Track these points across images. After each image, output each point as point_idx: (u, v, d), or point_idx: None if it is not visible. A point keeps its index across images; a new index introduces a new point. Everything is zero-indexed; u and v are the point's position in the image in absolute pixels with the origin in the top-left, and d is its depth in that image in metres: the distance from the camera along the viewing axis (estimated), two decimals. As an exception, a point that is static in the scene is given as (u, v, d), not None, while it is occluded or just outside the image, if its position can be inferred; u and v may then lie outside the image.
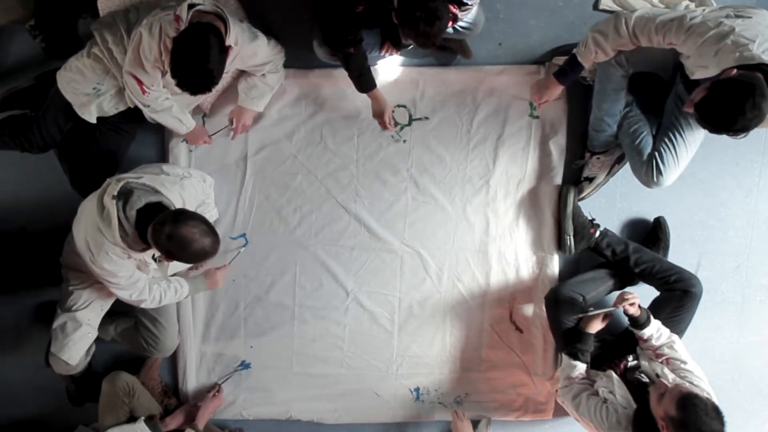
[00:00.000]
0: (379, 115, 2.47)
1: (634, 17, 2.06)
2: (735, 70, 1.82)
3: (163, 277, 2.29)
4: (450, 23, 2.10)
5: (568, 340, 2.43)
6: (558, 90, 2.45)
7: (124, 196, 1.93)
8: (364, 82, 2.35)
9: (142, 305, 2.23)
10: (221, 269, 2.53)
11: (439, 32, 1.97)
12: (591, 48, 2.18)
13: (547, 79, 2.47)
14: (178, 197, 2.07)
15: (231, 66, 2.26)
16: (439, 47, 2.57)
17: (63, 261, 2.30)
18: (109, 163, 2.43)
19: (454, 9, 2.08)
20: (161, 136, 2.59)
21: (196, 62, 1.94)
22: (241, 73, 2.45)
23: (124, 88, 2.24)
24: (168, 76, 2.13)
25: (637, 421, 2.10)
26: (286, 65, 2.46)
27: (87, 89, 2.23)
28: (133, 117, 2.39)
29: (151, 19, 2.05)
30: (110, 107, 2.31)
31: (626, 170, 2.61)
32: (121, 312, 2.48)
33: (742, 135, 1.88)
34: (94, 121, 2.29)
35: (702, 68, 1.96)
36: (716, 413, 1.93)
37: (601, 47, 2.15)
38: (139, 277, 2.14)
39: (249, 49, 2.21)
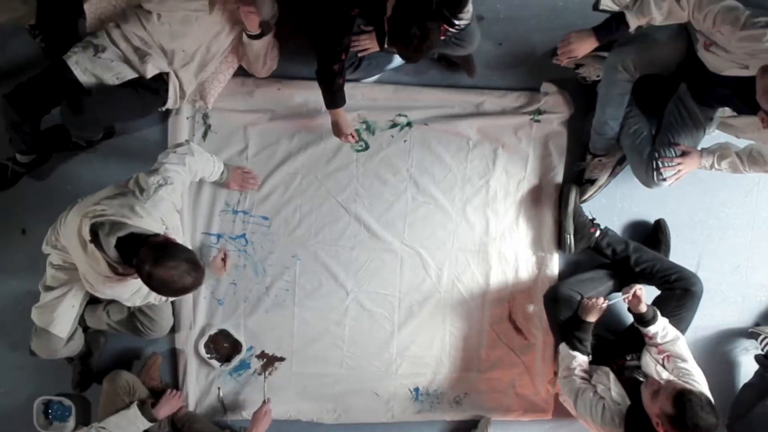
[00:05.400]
0: (340, 134, 2.45)
1: None
2: None
3: None
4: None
5: (568, 329, 2.43)
6: (592, 46, 2.24)
7: (93, 234, 1.89)
8: (339, 98, 2.33)
9: (150, 302, 2.24)
10: (227, 262, 2.46)
11: (428, 50, 1.98)
12: (651, 7, 2.04)
13: (585, 32, 2.24)
14: (149, 220, 1.98)
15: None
16: (447, 63, 2.58)
17: (46, 243, 2.23)
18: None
19: (443, 27, 2.08)
20: (164, 135, 2.58)
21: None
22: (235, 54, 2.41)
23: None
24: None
25: (629, 418, 2.11)
26: (286, 76, 2.50)
27: None
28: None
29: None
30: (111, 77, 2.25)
31: (627, 171, 2.62)
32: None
33: None
34: None
35: (739, 67, 1.95)
36: (711, 407, 1.97)
37: (660, 8, 2.04)
38: (142, 285, 2.10)
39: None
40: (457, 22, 2.11)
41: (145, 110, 2.37)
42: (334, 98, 2.33)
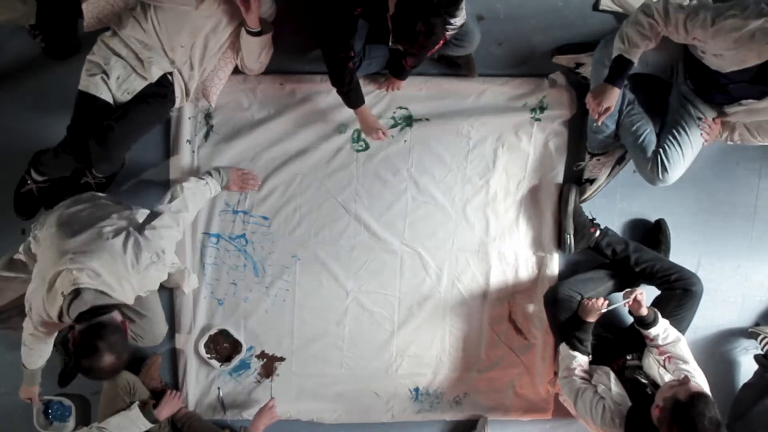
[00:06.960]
0: (370, 131, 2.47)
1: (665, 6, 1.98)
2: None
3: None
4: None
5: (568, 329, 2.43)
6: (616, 93, 2.18)
7: (74, 293, 1.85)
8: (359, 97, 2.35)
9: None
10: None
11: (432, 47, 1.98)
12: (636, 39, 2.05)
13: (600, 87, 2.20)
14: (130, 293, 1.96)
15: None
16: (448, 63, 2.58)
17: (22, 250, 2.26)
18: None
19: None
20: (166, 136, 2.58)
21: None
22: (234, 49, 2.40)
23: None
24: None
25: (629, 419, 2.11)
26: (288, 71, 2.49)
27: None
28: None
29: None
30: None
31: (626, 171, 2.62)
32: None
33: None
34: None
35: (737, 63, 1.93)
36: (717, 427, 1.93)
37: (644, 36, 2.05)
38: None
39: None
40: (452, 21, 2.11)
41: (161, 118, 2.42)
42: (355, 98, 2.34)
